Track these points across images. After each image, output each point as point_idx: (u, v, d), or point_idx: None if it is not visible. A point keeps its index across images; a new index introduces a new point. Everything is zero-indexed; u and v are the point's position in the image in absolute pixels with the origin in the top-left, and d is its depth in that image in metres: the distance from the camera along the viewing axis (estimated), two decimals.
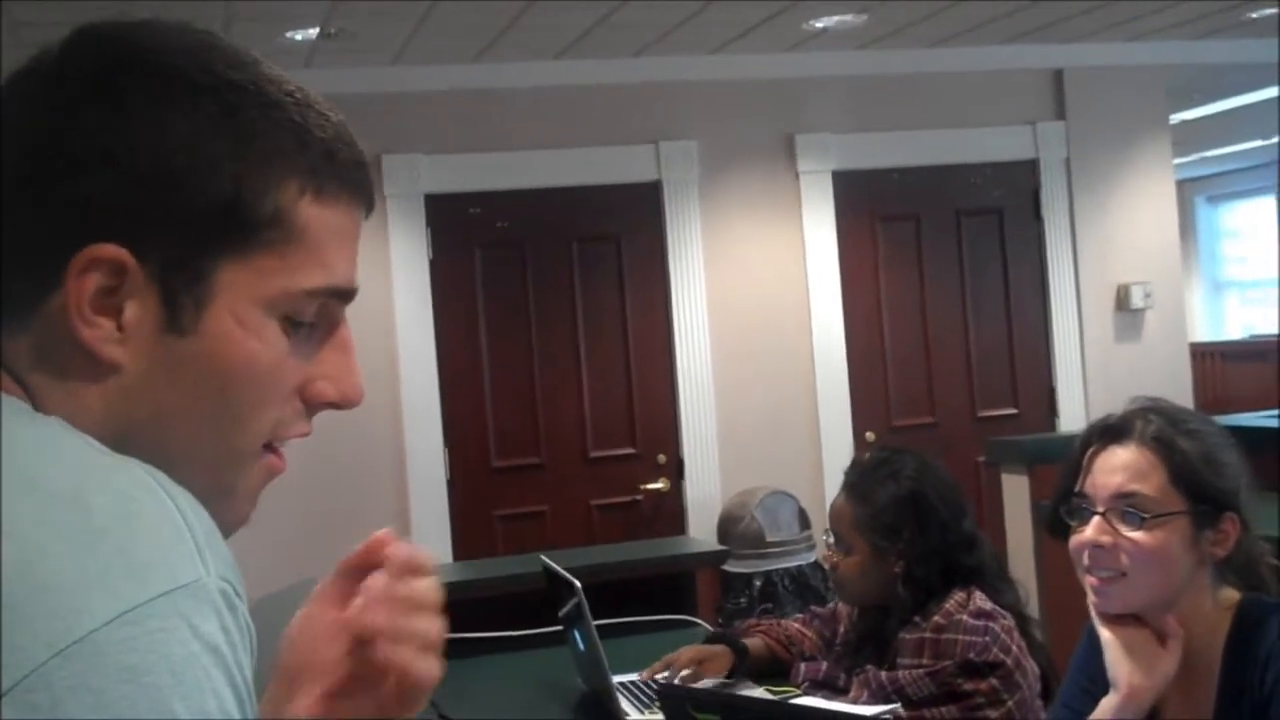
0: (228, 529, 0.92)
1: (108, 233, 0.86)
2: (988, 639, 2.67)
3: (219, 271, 0.89)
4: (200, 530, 0.82)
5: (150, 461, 0.86)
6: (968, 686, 2.65)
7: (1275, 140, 10.68)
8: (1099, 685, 2.10)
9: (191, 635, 0.77)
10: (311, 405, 0.97)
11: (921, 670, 2.69)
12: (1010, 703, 2.65)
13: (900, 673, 2.71)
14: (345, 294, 0.95)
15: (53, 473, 0.81)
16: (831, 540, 2.96)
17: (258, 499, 0.99)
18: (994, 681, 2.65)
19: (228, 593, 0.81)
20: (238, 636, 0.81)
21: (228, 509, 0.94)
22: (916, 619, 2.78)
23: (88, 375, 0.88)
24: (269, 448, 0.97)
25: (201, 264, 0.88)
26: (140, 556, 0.78)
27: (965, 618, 2.71)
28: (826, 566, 2.99)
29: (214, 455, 0.93)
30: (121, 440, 0.87)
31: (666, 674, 3.07)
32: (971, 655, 2.66)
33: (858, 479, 2.96)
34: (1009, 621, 2.74)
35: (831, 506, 3.00)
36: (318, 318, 0.95)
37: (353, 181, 0.94)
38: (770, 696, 2.92)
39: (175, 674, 0.76)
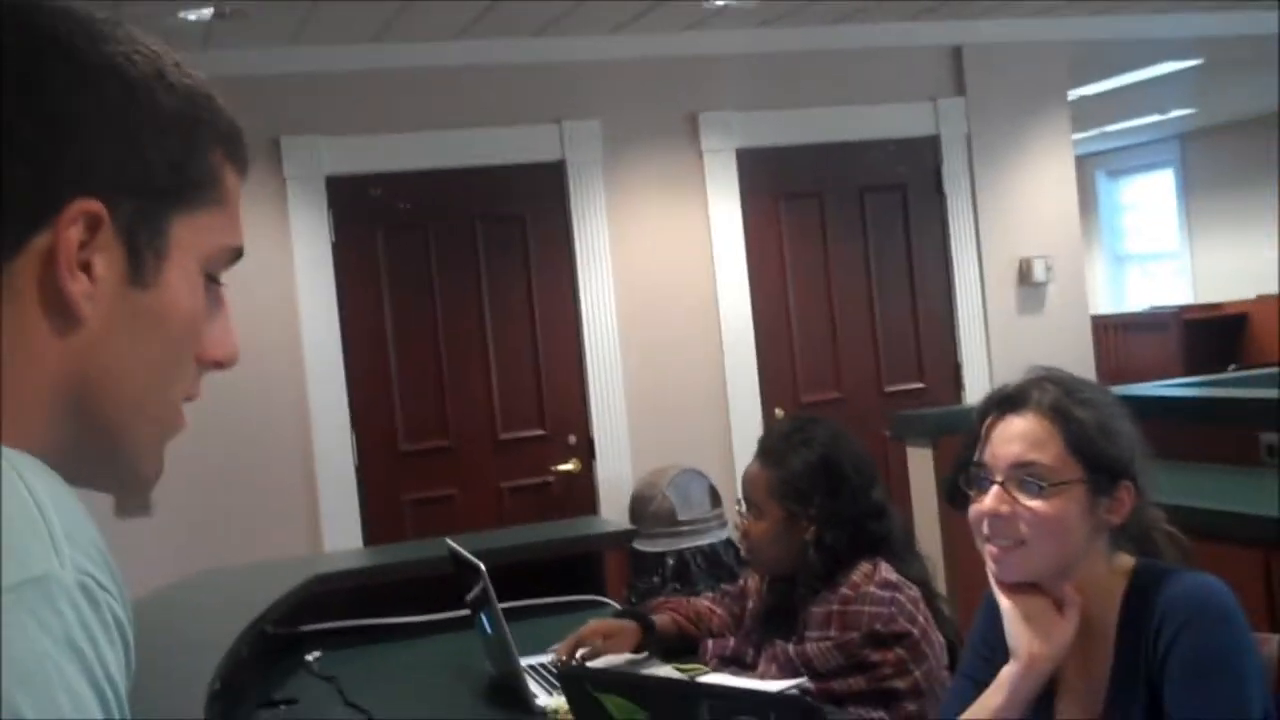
0: (151, 485, 0.98)
1: (83, 187, 0.87)
2: (894, 609, 2.69)
3: (173, 226, 0.93)
4: (60, 521, 0.79)
5: (105, 413, 0.91)
6: (875, 657, 2.67)
7: (1173, 114, 10.85)
8: (999, 654, 2.12)
9: (40, 630, 0.75)
10: (201, 365, 0.99)
11: (829, 642, 2.70)
12: (917, 673, 2.67)
13: (808, 645, 2.73)
14: (241, 255, 1.00)
15: None
16: (744, 508, 2.97)
17: None
18: (900, 652, 2.67)
19: (88, 585, 0.78)
20: (99, 631, 0.78)
21: (156, 462, 0.97)
22: (824, 592, 2.79)
23: (52, 330, 0.88)
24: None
25: (159, 219, 0.92)
26: None
27: (872, 589, 2.73)
28: (738, 534, 3.00)
29: (160, 406, 0.96)
30: (77, 393, 0.89)
31: (581, 651, 3.06)
32: (878, 626, 2.68)
33: (771, 445, 2.98)
34: (915, 592, 2.76)
35: (745, 473, 3.02)
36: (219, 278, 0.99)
37: (244, 151, 1.00)
38: (676, 674, 2.92)
39: (20, 672, 0.73)
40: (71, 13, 0.92)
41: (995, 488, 2.07)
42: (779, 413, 6.29)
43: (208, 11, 5.09)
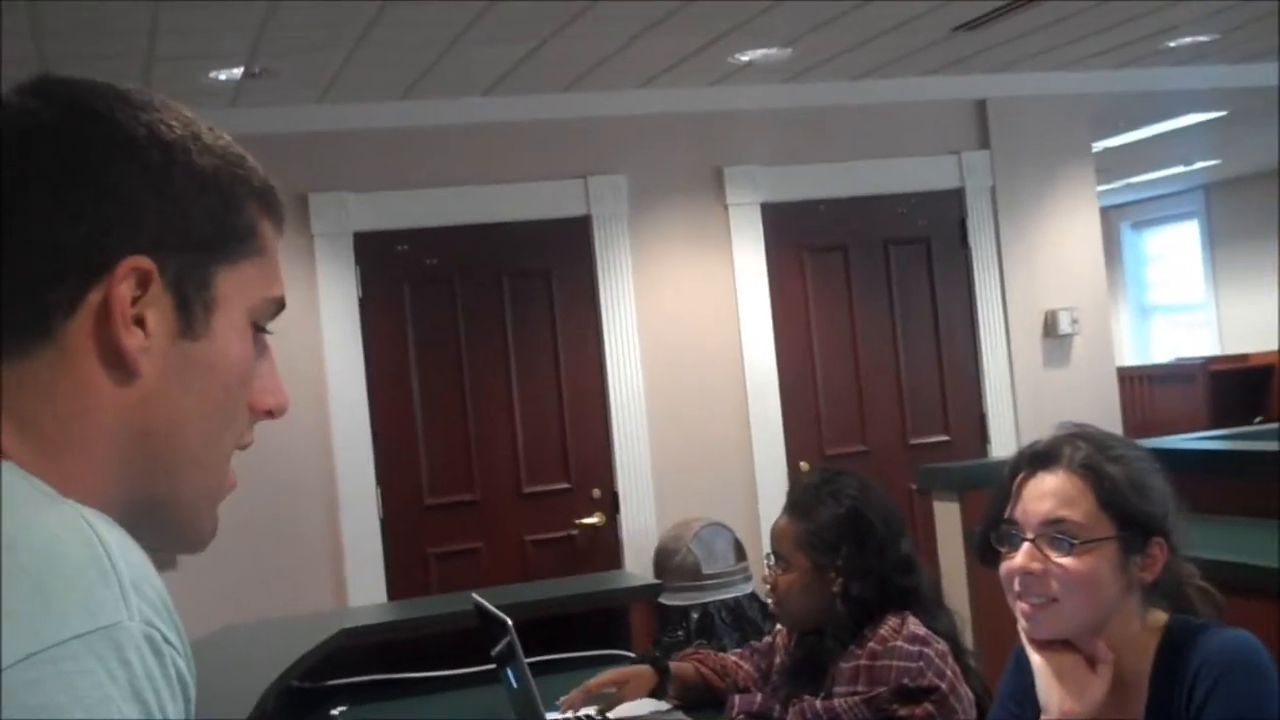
0: (206, 541, 1.00)
1: (132, 247, 0.91)
2: (922, 664, 2.68)
3: (218, 279, 0.96)
4: (129, 574, 0.82)
5: (165, 465, 0.93)
6: (903, 712, 2.65)
7: (1197, 166, 10.85)
8: (1028, 711, 2.10)
9: (108, 678, 0.77)
10: (254, 414, 1.02)
11: (857, 697, 2.69)
12: None
13: (836, 700, 2.71)
14: (283, 306, 1.04)
15: None
16: (772, 560, 2.97)
17: None
18: (929, 707, 2.66)
19: (153, 637, 0.81)
20: (162, 682, 0.81)
21: (211, 517, 1.00)
22: (852, 646, 2.78)
23: (110, 383, 0.91)
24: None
25: (205, 272, 0.95)
26: (58, 598, 0.78)
27: (900, 643, 2.71)
28: (766, 586, 2.99)
29: (214, 459, 0.98)
30: (139, 444, 0.92)
31: (595, 707, 3.05)
32: (906, 681, 2.66)
33: (799, 497, 2.99)
34: (943, 647, 2.75)
35: (773, 526, 3.02)
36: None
37: (279, 206, 1.03)
38: None
39: (88, 716, 0.75)
40: (111, 87, 0.96)
41: (1026, 545, 2.06)
42: (804, 466, 6.27)
43: (238, 71, 5.14)
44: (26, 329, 0.89)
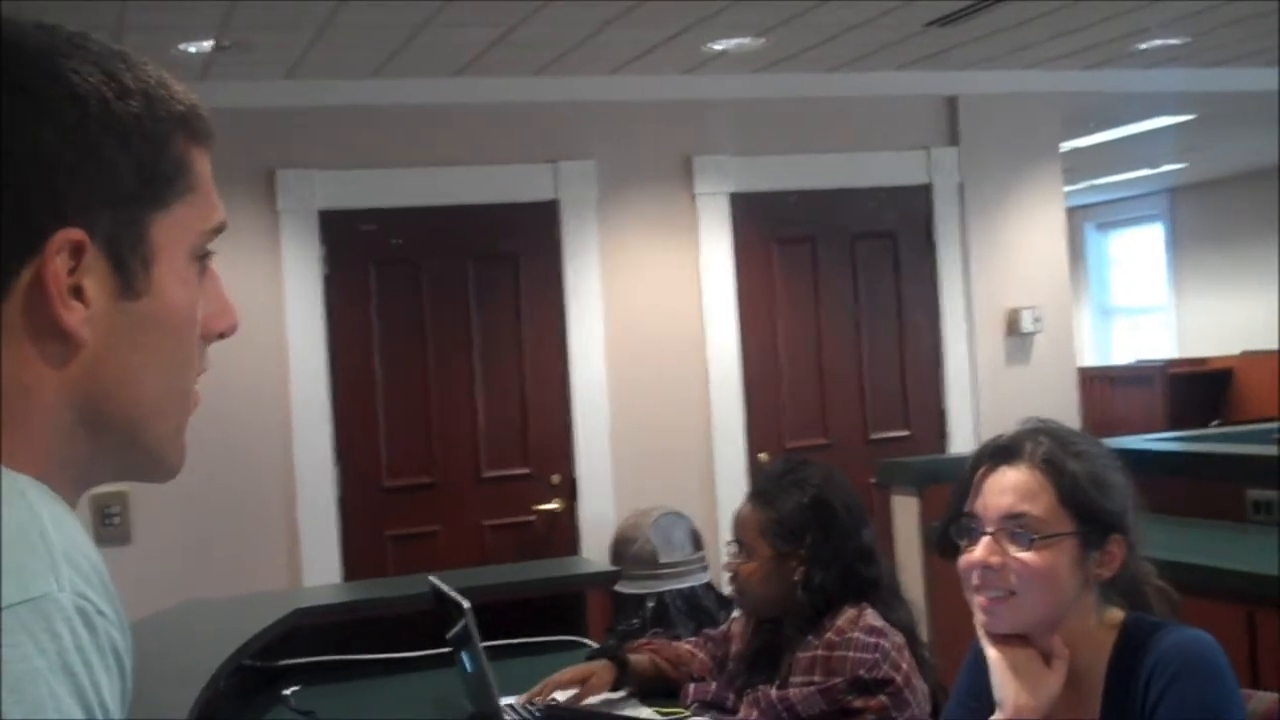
0: (178, 468, 0.99)
1: (59, 217, 0.87)
2: (878, 656, 2.68)
3: (152, 229, 0.92)
4: (61, 544, 0.80)
5: (119, 422, 0.91)
6: (858, 704, 2.66)
7: (1164, 169, 10.91)
8: (984, 704, 2.10)
9: (35, 650, 0.75)
10: (207, 339, 1.00)
11: (813, 687, 2.69)
12: None
13: (791, 690, 2.71)
14: (224, 227, 1.00)
15: None
16: (735, 549, 2.97)
17: None
18: (884, 699, 2.66)
19: (85, 609, 0.79)
20: (94, 656, 0.79)
21: (179, 450, 0.98)
22: (809, 637, 2.78)
23: (50, 358, 0.88)
24: None
25: (138, 227, 0.92)
26: None
27: (857, 635, 2.72)
28: (728, 574, 2.99)
29: (174, 402, 0.96)
30: (87, 411, 0.90)
31: (555, 697, 3.04)
32: (862, 672, 2.67)
33: (764, 486, 3.00)
34: (900, 639, 2.75)
35: (736, 513, 3.02)
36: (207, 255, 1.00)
37: (205, 124, 0.99)
38: (658, 717, 2.90)
39: (14, 689, 0.74)
40: (17, 43, 0.90)
41: (986, 538, 2.06)
42: (764, 457, 6.27)
43: (208, 44, 5.10)
44: None
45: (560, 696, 3.05)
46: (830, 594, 2.81)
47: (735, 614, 3.22)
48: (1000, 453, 2.11)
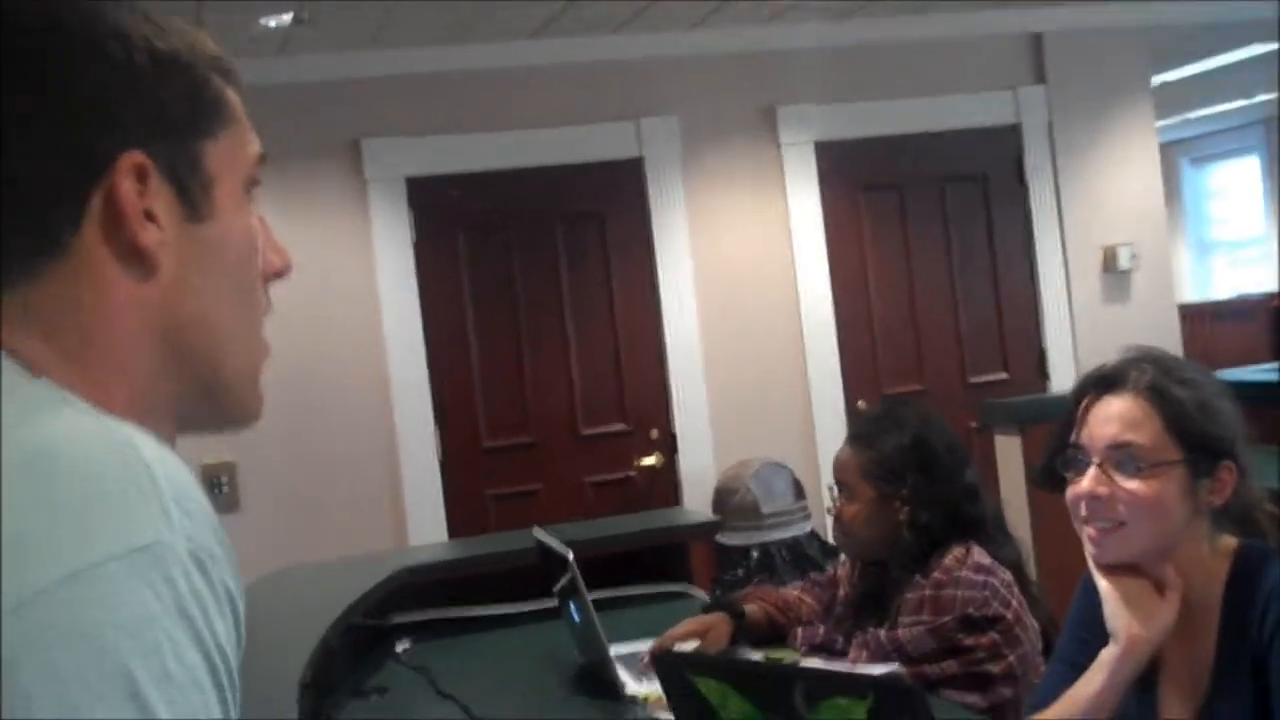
0: (258, 415, 1.01)
1: (120, 144, 0.90)
2: (987, 594, 2.67)
3: (207, 157, 0.95)
4: (170, 490, 0.80)
5: (200, 352, 0.94)
6: (968, 641, 2.64)
7: (1258, 100, 10.67)
8: (1097, 637, 2.08)
9: (153, 596, 0.76)
10: (266, 279, 1.02)
11: (921, 627, 2.68)
12: (1011, 657, 2.65)
13: (900, 630, 2.71)
14: (264, 158, 1.03)
15: (25, 432, 0.80)
16: (836, 491, 2.96)
17: None
18: (995, 636, 2.65)
19: (198, 555, 0.79)
20: (210, 600, 0.79)
21: (258, 393, 1.00)
22: (917, 577, 2.77)
23: (132, 283, 0.90)
24: None
25: (194, 153, 0.95)
26: (99, 516, 0.76)
27: (965, 573, 2.70)
28: (831, 518, 2.99)
29: (246, 335, 0.99)
30: (170, 339, 0.92)
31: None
32: (971, 610, 2.65)
33: (862, 428, 2.99)
34: (1008, 576, 2.74)
35: (836, 458, 3.01)
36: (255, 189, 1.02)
37: (233, 68, 1.02)
38: (767, 661, 2.91)
39: (131, 635, 0.74)
40: None
41: (1093, 469, 2.04)
42: (862, 405, 6.25)
43: (287, 18, 5.14)
44: (37, 251, 0.88)
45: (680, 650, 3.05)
46: (936, 533, 2.80)
47: (842, 559, 3.22)
48: (1104, 382, 2.08)
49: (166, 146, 0.92)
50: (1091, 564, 2.09)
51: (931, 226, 6.55)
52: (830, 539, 5.72)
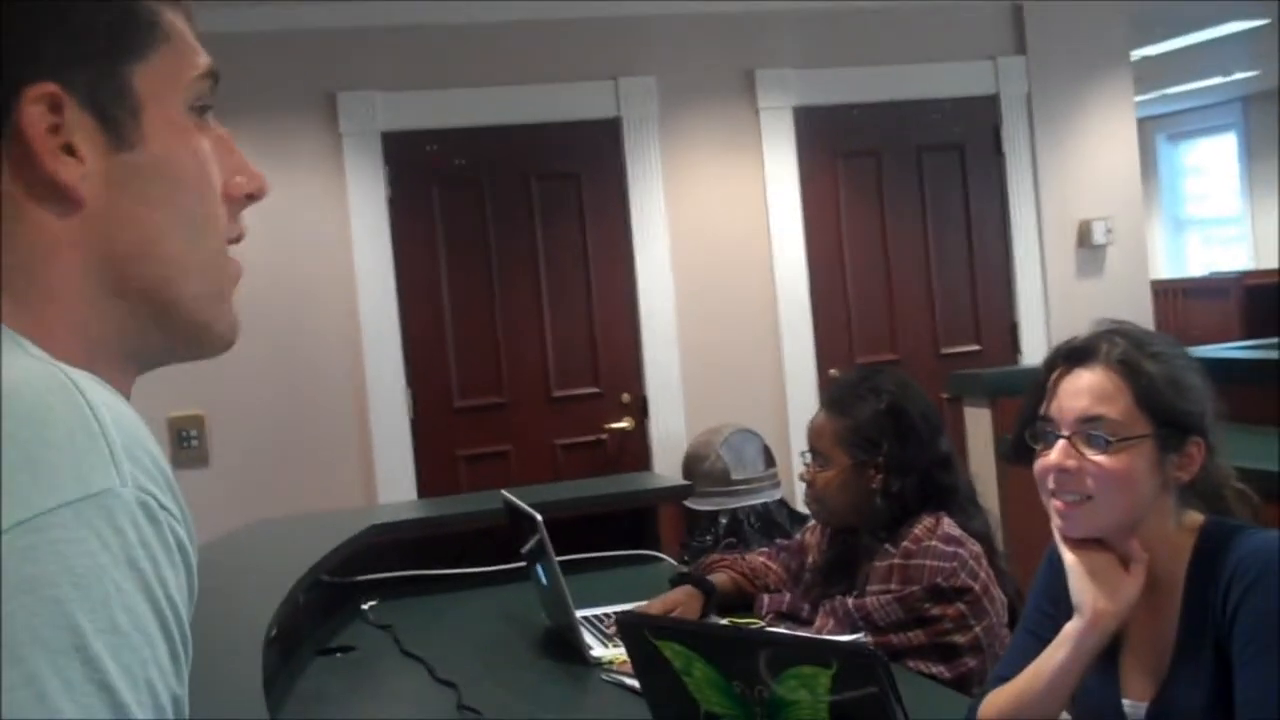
0: (229, 338, 0.97)
1: (30, 75, 0.86)
2: (955, 564, 2.67)
3: (135, 80, 0.90)
4: (120, 439, 0.79)
5: (144, 281, 0.90)
6: (935, 611, 2.65)
7: (1236, 77, 10.69)
8: (1061, 609, 2.09)
9: (100, 546, 0.74)
10: (234, 202, 0.97)
11: (889, 596, 2.69)
12: (978, 629, 2.66)
13: (867, 599, 2.71)
14: (214, 74, 0.97)
15: None
16: (809, 458, 2.96)
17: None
18: (961, 607, 2.65)
19: (148, 504, 0.78)
20: (159, 550, 0.78)
21: (225, 317, 0.96)
22: (886, 546, 2.77)
23: (56, 219, 0.87)
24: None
25: (118, 78, 0.90)
26: (47, 464, 0.75)
27: (934, 543, 2.71)
28: (805, 484, 2.98)
29: (204, 260, 0.94)
30: (109, 271, 0.88)
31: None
32: (940, 580, 2.66)
33: (839, 395, 2.98)
34: (977, 548, 2.74)
35: (810, 423, 3.01)
36: (207, 106, 0.97)
37: None
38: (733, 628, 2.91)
39: (79, 585, 0.73)
40: None
41: (1062, 442, 2.03)
42: (834, 373, 6.24)
43: None
44: None
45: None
46: (908, 501, 2.80)
47: (810, 525, 3.22)
48: (1075, 354, 2.08)
49: (85, 73, 0.88)
50: (1058, 537, 2.09)
51: (908, 195, 6.55)
52: (800, 506, 5.74)
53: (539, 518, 2.90)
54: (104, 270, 0.89)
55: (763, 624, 2.96)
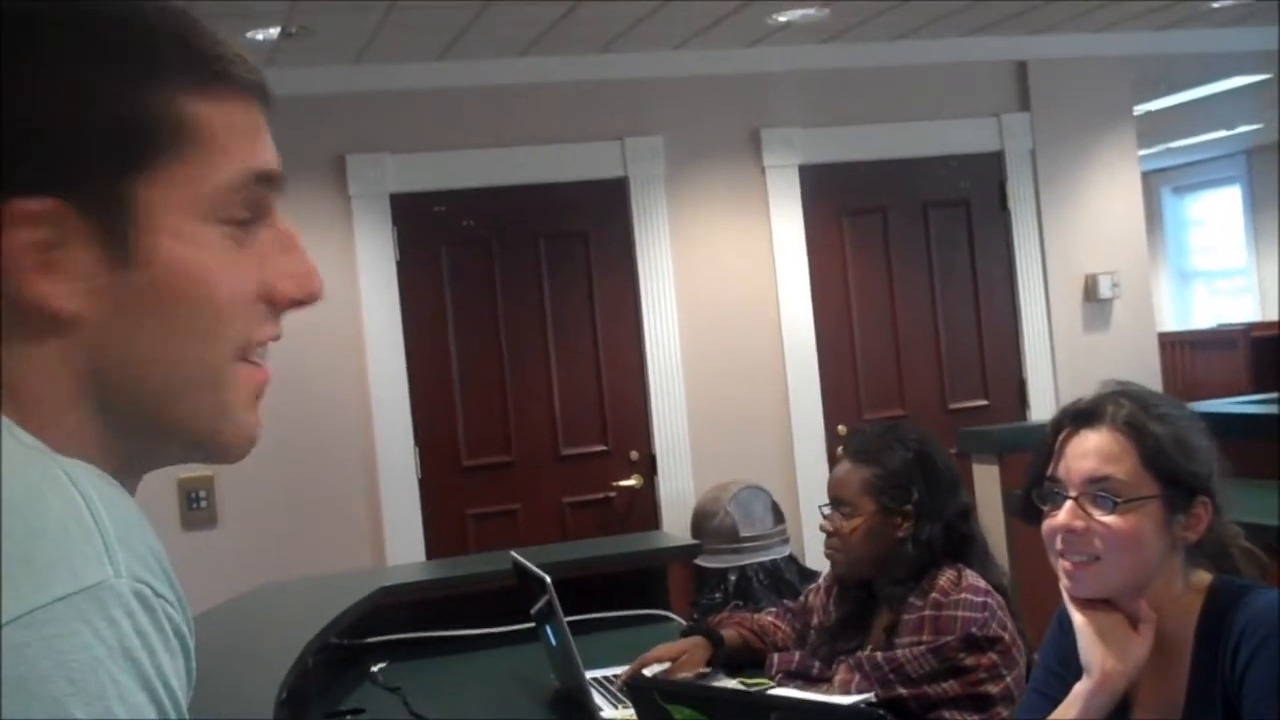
0: (241, 447, 0.92)
1: (22, 187, 0.81)
2: (987, 614, 2.69)
3: (138, 191, 0.84)
4: (115, 528, 0.77)
5: (138, 403, 0.85)
6: (969, 661, 2.65)
7: (1240, 130, 10.73)
8: (1070, 670, 2.09)
9: (95, 639, 0.73)
10: (277, 306, 0.92)
11: (923, 647, 2.69)
12: (1009, 678, 2.67)
13: (899, 651, 2.71)
14: (270, 178, 0.92)
15: None
16: (829, 510, 2.96)
17: (258, 412, 0.93)
18: (994, 656, 2.66)
19: (143, 593, 0.77)
20: (156, 639, 0.77)
21: (230, 428, 0.91)
22: (911, 598, 2.78)
23: (46, 341, 0.83)
24: (246, 360, 0.92)
25: (118, 188, 0.84)
26: (40, 558, 0.74)
27: (964, 595, 2.72)
28: (825, 534, 2.98)
29: (196, 377, 0.88)
30: (100, 392, 0.85)
31: (644, 674, 3.05)
32: (974, 630, 2.66)
33: (863, 444, 3.00)
34: (1000, 599, 2.76)
35: (834, 474, 3.02)
36: (253, 214, 0.91)
37: (220, 66, 0.90)
38: (743, 688, 2.91)
39: (74, 681, 0.72)
40: None
41: (1069, 503, 2.04)
42: (841, 430, 6.26)
43: (274, 31, 5.14)
44: None
45: (650, 673, 3.05)
46: (935, 550, 2.81)
47: (813, 585, 3.23)
48: (1081, 416, 2.09)
49: (84, 183, 0.83)
50: (1066, 597, 2.10)
51: (914, 252, 6.57)
52: (809, 563, 5.74)
53: (548, 579, 2.90)
54: (92, 390, 0.85)
55: (772, 683, 2.95)
